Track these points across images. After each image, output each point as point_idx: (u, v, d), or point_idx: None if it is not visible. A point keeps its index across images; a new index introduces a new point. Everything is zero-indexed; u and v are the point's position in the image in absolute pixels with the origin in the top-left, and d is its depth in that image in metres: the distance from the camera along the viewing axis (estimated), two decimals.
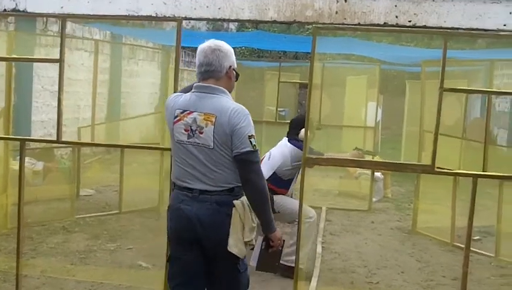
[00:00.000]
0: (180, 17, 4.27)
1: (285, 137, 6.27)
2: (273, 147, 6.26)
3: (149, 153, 9.67)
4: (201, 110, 3.40)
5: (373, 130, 10.64)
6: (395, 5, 4.07)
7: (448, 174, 4.98)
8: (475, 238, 7.53)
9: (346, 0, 4.09)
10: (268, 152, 6.24)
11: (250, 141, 3.34)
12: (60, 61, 4.34)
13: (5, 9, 4.56)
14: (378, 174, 10.16)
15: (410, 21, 4.03)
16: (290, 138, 6.18)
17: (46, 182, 8.97)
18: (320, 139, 10.82)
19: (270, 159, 6.08)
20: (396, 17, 4.05)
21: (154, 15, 4.54)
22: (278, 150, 6.14)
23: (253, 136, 3.37)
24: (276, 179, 5.94)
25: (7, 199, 6.94)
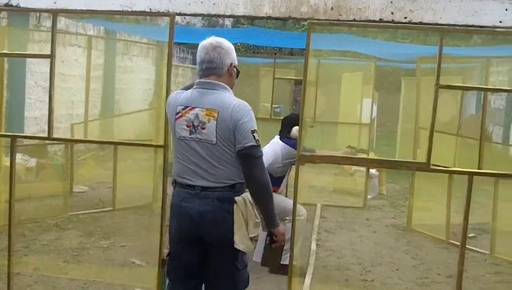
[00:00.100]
0: (173, 13, 4.23)
1: (277, 135, 6.27)
2: (266, 145, 6.24)
3: (143, 149, 9.63)
4: (204, 106, 3.42)
5: (368, 127, 10.60)
6: (391, 1, 4.04)
7: (444, 171, 4.96)
8: (470, 235, 7.50)
9: None
10: None
11: (253, 136, 3.37)
12: (51, 57, 4.28)
13: None
14: (373, 171, 10.14)
15: (405, 17, 4.00)
16: (281, 135, 6.19)
17: (39, 178, 8.92)
18: (315, 136, 10.81)
19: None
20: (392, 13, 4.01)
21: (148, 10, 4.50)
22: (269, 148, 6.12)
23: (255, 131, 3.40)
24: None
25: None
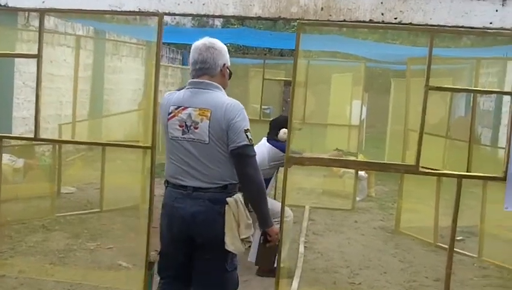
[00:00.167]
0: (161, 13, 4.20)
1: (264, 137, 6.26)
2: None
3: (132, 150, 9.58)
4: (196, 106, 3.42)
5: (357, 128, 10.58)
6: (381, 2, 4.03)
7: (433, 174, 4.94)
8: (458, 238, 7.48)
9: None
10: None
11: (247, 135, 3.41)
12: (38, 57, 4.25)
13: None
14: (362, 173, 10.12)
15: (396, 18, 4.00)
16: (269, 137, 6.19)
17: (27, 179, 8.84)
18: (305, 137, 10.77)
19: None
20: (382, 14, 4.01)
21: (137, 10, 4.47)
22: (256, 150, 6.09)
23: (248, 130, 3.43)
24: None
25: None
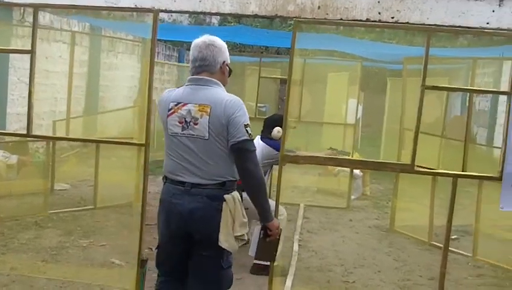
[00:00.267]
0: (156, 9, 4.17)
1: (258, 135, 6.25)
2: None
3: (127, 147, 9.55)
4: (196, 102, 3.42)
5: (353, 127, 10.57)
6: (378, 1, 4.02)
7: (428, 173, 4.94)
8: (453, 237, 7.46)
9: None
10: None
11: (247, 130, 3.39)
12: (32, 53, 4.21)
13: None
14: (357, 171, 10.11)
15: (393, 17, 3.98)
16: (262, 136, 6.19)
17: (20, 176, 8.81)
18: (300, 135, 10.76)
19: None
20: (379, 13, 4.00)
21: (134, 6, 4.46)
22: None
23: (248, 125, 3.41)
24: None
25: None
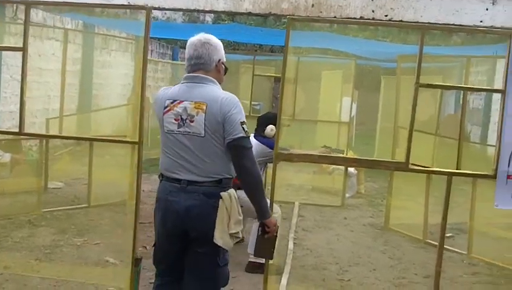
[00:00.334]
0: (149, 6, 4.15)
1: (251, 134, 6.25)
2: None
3: (121, 145, 9.52)
4: (192, 99, 3.43)
5: (347, 125, 10.56)
6: (372, 0, 4.00)
7: (423, 171, 4.93)
8: (447, 235, 7.47)
9: None
10: None
11: (243, 127, 3.40)
12: (24, 50, 4.19)
13: None
14: (351, 169, 10.11)
15: (386, 15, 3.97)
16: (256, 134, 6.19)
17: (14, 174, 8.76)
18: (294, 133, 10.74)
19: None
20: (372, 11, 3.99)
21: (127, 3, 4.43)
22: None
23: (245, 123, 3.43)
24: None
25: None
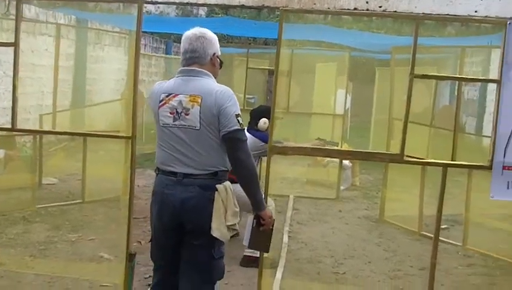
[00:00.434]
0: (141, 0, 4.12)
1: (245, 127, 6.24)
2: None
3: (115, 140, 9.48)
4: (187, 92, 3.45)
5: (342, 117, 10.54)
6: None
7: (418, 163, 4.92)
8: (443, 227, 7.43)
9: None
10: None
11: (238, 120, 3.43)
12: (15, 46, 4.15)
13: None
14: (346, 162, 10.08)
15: (380, 6, 3.93)
16: (249, 127, 6.17)
17: (8, 170, 8.70)
18: (289, 126, 10.73)
19: None
20: (366, 2, 3.95)
21: None
22: None
23: (239, 115, 3.46)
24: None
25: None
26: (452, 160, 6.64)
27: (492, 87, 12.41)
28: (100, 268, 5.64)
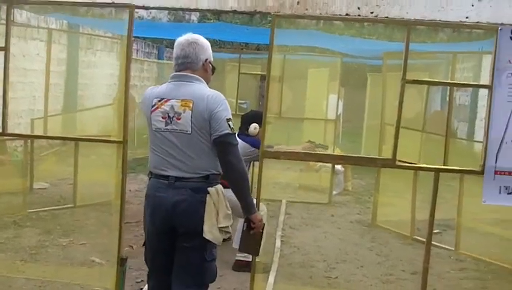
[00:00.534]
0: (133, 5, 4.12)
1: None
2: None
3: (107, 145, 9.46)
4: (179, 97, 3.47)
5: (334, 122, 10.56)
6: None
7: (410, 168, 4.93)
8: (435, 231, 7.44)
9: None
10: None
11: (229, 124, 3.45)
12: (6, 50, 4.14)
13: None
14: (338, 167, 10.10)
15: (372, 12, 3.95)
16: (239, 132, 6.16)
17: None
18: (281, 131, 10.74)
19: None
20: (358, 8, 3.97)
21: (111, 2, 4.38)
22: None
23: (230, 120, 3.47)
24: None
25: None
26: (444, 165, 6.67)
27: (483, 93, 12.49)
28: (91, 273, 5.61)
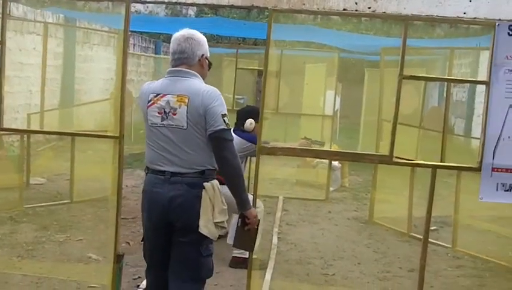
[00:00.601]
0: None
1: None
2: None
3: (103, 140, 9.42)
4: (175, 93, 3.49)
5: (331, 118, 10.53)
6: None
7: (407, 164, 4.91)
8: (432, 228, 7.44)
9: None
10: None
11: (224, 120, 3.47)
12: (2, 44, 4.11)
13: None
14: (335, 163, 10.09)
15: (369, 7, 3.92)
16: (235, 128, 6.12)
17: None
18: (278, 127, 10.71)
19: None
20: (355, 3, 3.94)
21: None
22: None
23: (226, 115, 3.48)
24: None
25: None
26: (441, 161, 6.65)
27: (481, 89, 12.48)
28: (88, 269, 5.59)
